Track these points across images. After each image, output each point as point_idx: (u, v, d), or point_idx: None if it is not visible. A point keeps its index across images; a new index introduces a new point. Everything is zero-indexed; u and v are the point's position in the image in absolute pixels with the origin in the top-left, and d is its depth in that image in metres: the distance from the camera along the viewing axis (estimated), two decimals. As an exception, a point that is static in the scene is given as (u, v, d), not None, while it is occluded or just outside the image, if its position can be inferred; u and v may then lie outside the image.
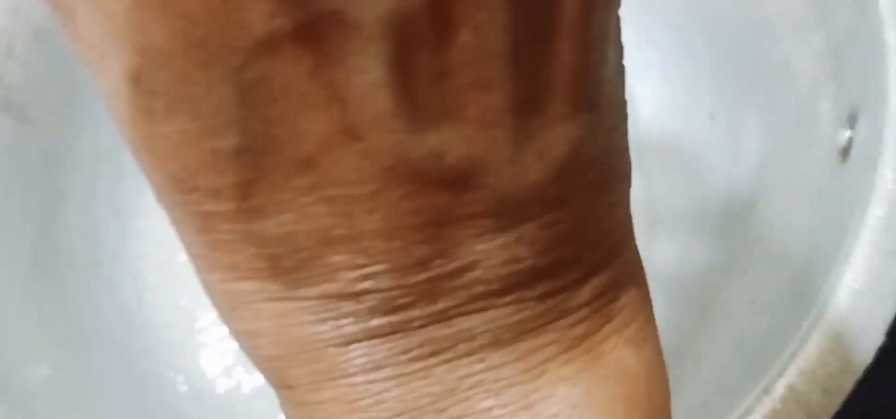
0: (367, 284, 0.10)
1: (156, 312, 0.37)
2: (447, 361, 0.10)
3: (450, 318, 0.10)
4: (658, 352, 0.12)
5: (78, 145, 0.39)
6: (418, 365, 0.10)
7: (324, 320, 0.10)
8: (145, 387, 0.34)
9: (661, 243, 0.36)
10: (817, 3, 0.31)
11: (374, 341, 0.10)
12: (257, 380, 0.35)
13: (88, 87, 0.35)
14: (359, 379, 0.10)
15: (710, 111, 0.37)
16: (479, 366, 0.10)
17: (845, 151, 0.27)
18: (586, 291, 0.11)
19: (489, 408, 0.10)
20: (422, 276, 0.10)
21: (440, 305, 0.10)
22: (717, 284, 0.31)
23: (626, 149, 0.12)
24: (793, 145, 0.31)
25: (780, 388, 0.21)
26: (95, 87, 0.10)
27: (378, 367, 0.10)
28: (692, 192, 0.36)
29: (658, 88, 0.40)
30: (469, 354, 0.10)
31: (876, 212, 0.23)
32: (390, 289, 0.10)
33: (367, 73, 0.09)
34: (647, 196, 0.38)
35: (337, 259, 0.10)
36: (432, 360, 0.10)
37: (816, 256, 0.25)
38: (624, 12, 0.35)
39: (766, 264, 0.29)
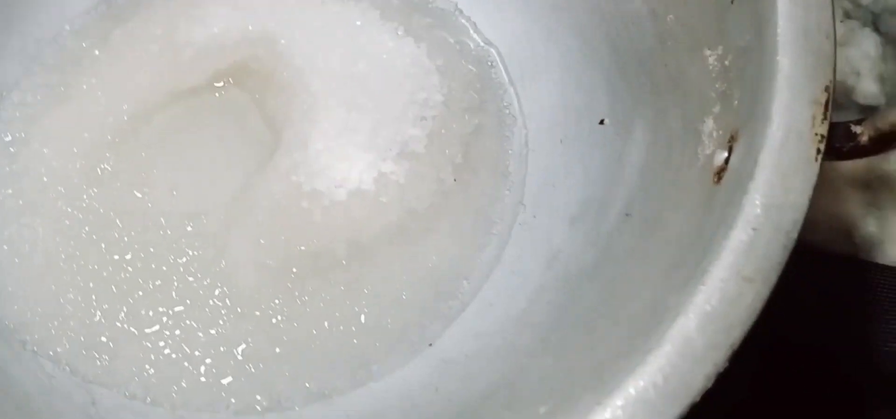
0: None
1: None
2: None
3: None
4: None
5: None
6: None
7: None
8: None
9: (534, 241, 0.35)
10: (716, 20, 0.30)
11: None
12: (87, 335, 0.32)
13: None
14: None
15: (601, 116, 0.36)
16: None
17: (720, 172, 0.26)
18: None
19: None
20: None
21: None
22: (581, 290, 0.30)
23: None
24: (673, 160, 0.30)
25: (605, 413, 0.20)
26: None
27: None
28: (573, 193, 0.35)
29: (556, 88, 0.39)
30: None
31: (739, 237, 0.22)
32: None
33: None
34: (527, 194, 0.37)
35: None
36: None
37: (677, 273, 0.24)
38: (532, 8, 0.34)
39: (628, 275, 0.28)
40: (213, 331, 0.32)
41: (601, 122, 0.36)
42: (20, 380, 0.30)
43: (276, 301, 0.33)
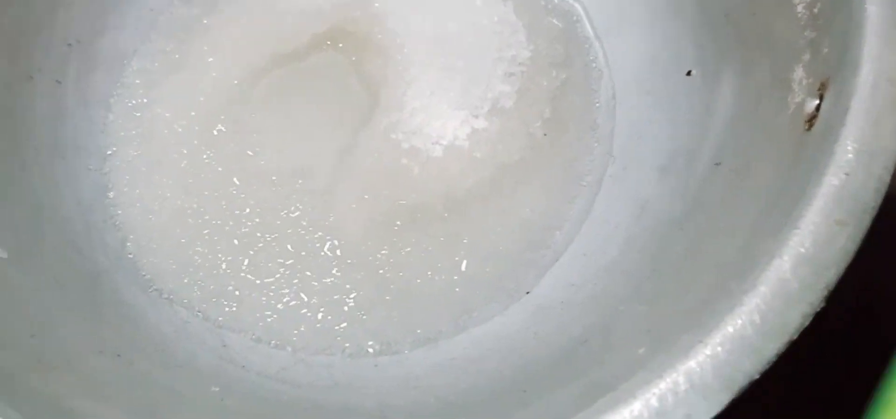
0: None
1: (118, 210, 0.37)
2: None
3: None
4: None
5: (50, 28, 0.39)
6: None
7: None
8: (100, 284, 0.34)
9: (623, 192, 0.36)
10: (804, -30, 0.31)
11: None
12: (215, 285, 0.36)
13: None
14: None
15: (688, 67, 0.37)
16: None
17: (811, 120, 0.27)
18: None
19: None
20: None
21: None
22: (671, 239, 0.31)
23: None
24: (762, 110, 0.31)
25: (706, 350, 0.22)
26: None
27: None
28: (661, 143, 0.36)
29: (641, 41, 0.40)
30: None
31: (831, 181, 0.23)
32: None
33: None
34: (616, 146, 0.38)
35: None
36: None
37: (768, 220, 0.26)
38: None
39: (718, 223, 0.29)
40: (326, 281, 0.35)
41: (688, 73, 0.37)
42: (158, 325, 0.34)
43: (383, 252, 0.35)
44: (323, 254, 0.36)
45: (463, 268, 0.35)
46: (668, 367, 0.22)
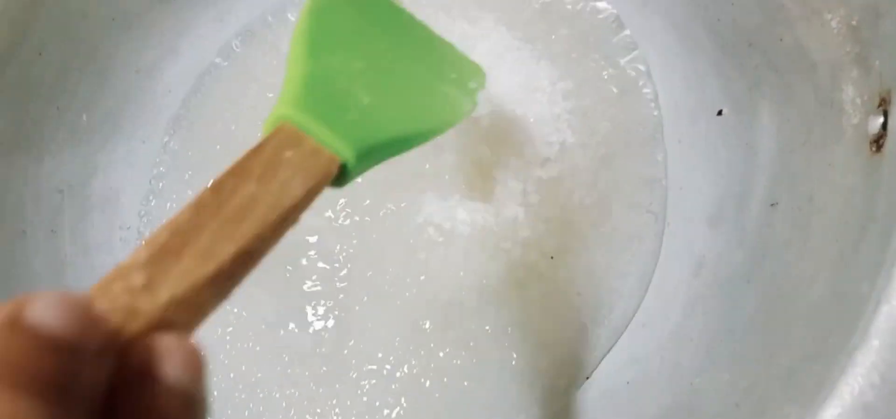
0: None
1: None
2: None
3: None
4: None
5: (37, 178, 0.36)
6: None
7: None
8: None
9: (674, 250, 0.33)
10: (832, -18, 0.29)
11: None
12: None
13: (49, 116, 0.32)
14: None
15: (717, 107, 0.34)
16: None
17: (878, 140, 0.25)
18: None
19: None
20: None
21: None
22: (738, 293, 0.28)
23: None
24: (815, 137, 0.29)
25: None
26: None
27: None
28: (705, 192, 0.33)
29: (661, 87, 0.37)
30: None
31: (925, 206, 0.21)
32: None
33: None
34: (658, 199, 0.35)
35: None
36: None
37: (856, 257, 0.23)
38: (620, 10, 0.32)
39: (791, 268, 0.26)
40: (364, 399, 0.32)
41: (719, 113, 0.34)
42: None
43: (419, 358, 0.32)
44: (350, 377, 0.32)
45: (513, 361, 0.32)
46: (782, 452, 0.19)
